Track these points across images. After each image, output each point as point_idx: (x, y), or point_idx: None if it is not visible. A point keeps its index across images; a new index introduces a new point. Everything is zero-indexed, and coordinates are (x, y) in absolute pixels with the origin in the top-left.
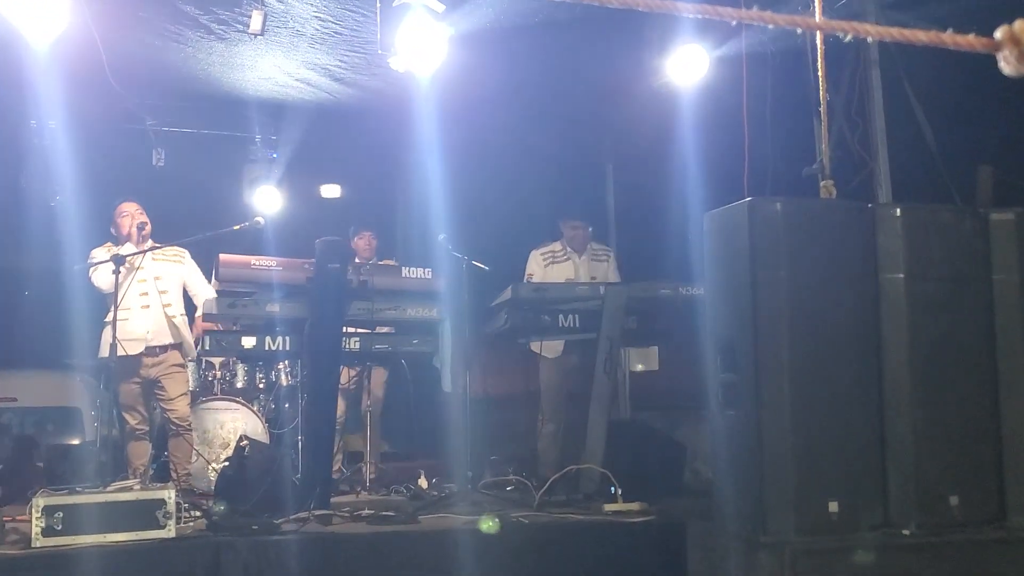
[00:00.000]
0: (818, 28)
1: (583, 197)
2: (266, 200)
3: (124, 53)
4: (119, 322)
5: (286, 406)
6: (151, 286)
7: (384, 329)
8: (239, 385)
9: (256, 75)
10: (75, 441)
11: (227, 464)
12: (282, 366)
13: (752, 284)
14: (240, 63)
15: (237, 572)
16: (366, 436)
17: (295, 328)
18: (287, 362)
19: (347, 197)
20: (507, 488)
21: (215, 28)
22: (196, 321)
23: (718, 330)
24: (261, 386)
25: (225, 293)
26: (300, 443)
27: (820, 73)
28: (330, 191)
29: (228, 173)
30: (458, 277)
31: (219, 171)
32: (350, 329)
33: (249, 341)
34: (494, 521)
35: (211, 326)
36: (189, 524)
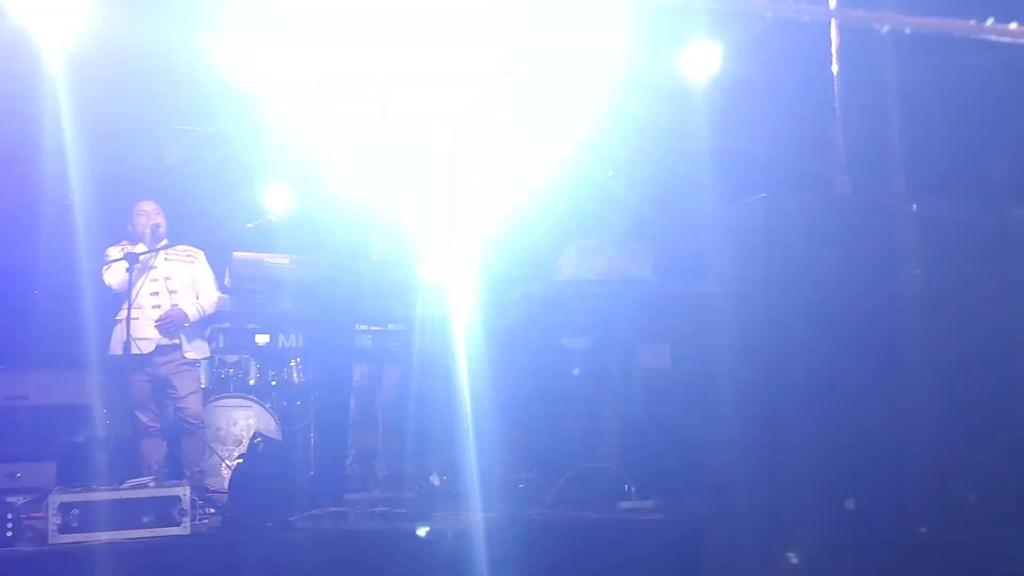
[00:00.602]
0: (836, 17)
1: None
2: (277, 198)
3: (139, 51)
4: (131, 320)
5: (298, 403)
6: (162, 286)
7: (395, 327)
8: (251, 382)
9: (268, 71)
10: (86, 439)
11: (241, 461)
12: (293, 363)
13: (768, 280)
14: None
15: (253, 569)
16: (378, 433)
17: (308, 325)
18: (298, 359)
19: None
20: (519, 485)
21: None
22: (174, 308)
23: (733, 327)
24: (274, 383)
25: (238, 291)
26: (313, 440)
27: (835, 68)
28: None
29: (239, 170)
30: (470, 274)
31: (230, 168)
32: (362, 326)
33: (262, 338)
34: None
35: (180, 314)
36: (204, 521)
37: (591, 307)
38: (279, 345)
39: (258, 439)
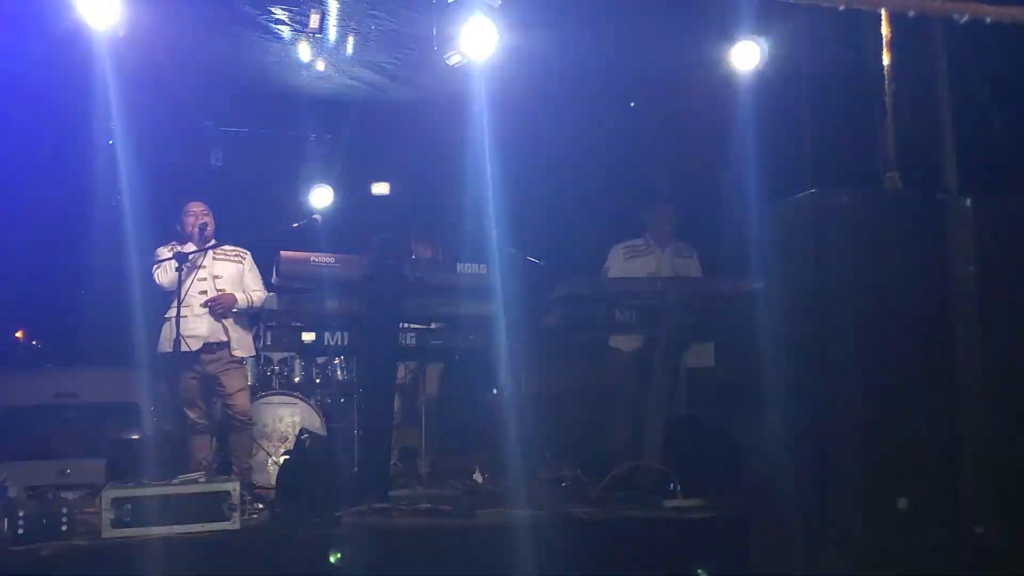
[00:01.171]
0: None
1: (640, 188)
2: (319, 197)
3: (183, 54)
4: (180, 318)
5: (341, 400)
6: (210, 284)
7: (438, 325)
8: (296, 380)
9: (311, 74)
10: (135, 436)
11: (288, 457)
12: (337, 361)
13: (817, 278)
14: (296, 62)
15: (300, 563)
16: (421, 431)
17: (353, 324)
18: (342, 357)
19: (398, 194)
20: (562, 484)
21: (273, 28)
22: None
23: (781, 326)
24: (318, 381)
25: (284, 290)
26: (357, 437)
27: (886, 59)
28: (380, 188)
29: (283, 171)
30: (513, 272)
31: (275, 169)
32: (406, 325)
33: (308, 336)
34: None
35: (230, 298)
36: (253, 516)
37: (638, 305)
38: (324, 343)
39: (305, 435)
